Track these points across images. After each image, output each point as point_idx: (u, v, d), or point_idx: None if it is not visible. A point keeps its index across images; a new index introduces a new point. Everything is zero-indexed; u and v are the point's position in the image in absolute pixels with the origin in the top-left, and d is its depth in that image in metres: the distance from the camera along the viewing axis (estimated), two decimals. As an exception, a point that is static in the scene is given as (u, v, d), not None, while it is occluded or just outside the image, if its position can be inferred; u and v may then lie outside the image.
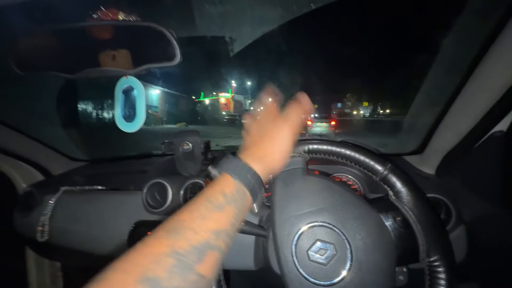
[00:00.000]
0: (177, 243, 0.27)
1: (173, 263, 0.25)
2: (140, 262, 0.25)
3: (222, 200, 0.32)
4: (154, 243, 0.27)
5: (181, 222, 0.29)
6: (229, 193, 0.33)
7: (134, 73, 0.50)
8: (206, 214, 0.30)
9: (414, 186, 0.44)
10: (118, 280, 0.23)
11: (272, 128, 0.41)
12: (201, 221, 0.29)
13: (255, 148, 0.40)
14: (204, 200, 0.32)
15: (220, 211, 0.31)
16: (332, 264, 0.42)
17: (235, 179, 0.34)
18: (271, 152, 0.39)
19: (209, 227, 0.29)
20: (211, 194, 0.32)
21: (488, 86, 0.53)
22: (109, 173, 1.03)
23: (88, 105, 10.55)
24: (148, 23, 0.45)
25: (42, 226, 0.85)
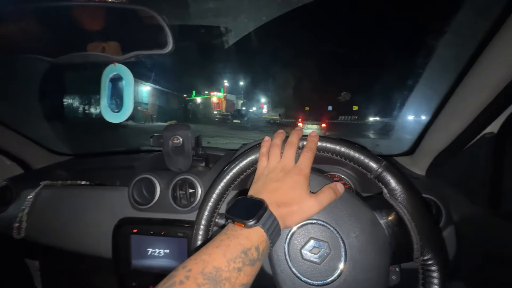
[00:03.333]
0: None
1: None
2: None
3: (255, 256, 0.33)
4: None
5: (220, 271, 0.29)
6: (261, 251, 0.34)
7: (122, 60, 0.47)
8: (241, 267, 0.31)
9: (408, 184, 0.43)
10: None
11: (303, 193, 0.40)
12: (237, 274, 0.30)
13: (282, 205, 0.39)
14: (240, 251, 0.32)
15: (252, 266, 0.32)
16: (326, 263, 0.41)
17: (268, 238, 0.35)
18: (296, 216, 0.39)
19: (242, 281, 0.31)
20: (248, 247, 0.33)
21: (480, 88, 0.54)
22: (94, 168, 0.99)
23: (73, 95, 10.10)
24: (139, 6, 0.43)
25: (19, 223, 0.80)
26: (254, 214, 0.35)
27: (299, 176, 0.40)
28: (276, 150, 0.44)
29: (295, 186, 0.40)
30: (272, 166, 0.43)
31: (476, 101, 0.55)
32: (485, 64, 0.52)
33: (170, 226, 0.69)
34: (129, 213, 0.72)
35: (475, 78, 0.54)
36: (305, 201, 0.39)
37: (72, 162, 1.06)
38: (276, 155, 0.44)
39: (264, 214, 0.35)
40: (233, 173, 0.46)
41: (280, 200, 0.39)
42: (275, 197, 0.39)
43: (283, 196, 0.39)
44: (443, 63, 0.71)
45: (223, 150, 0.91)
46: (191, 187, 0.70)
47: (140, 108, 13.93)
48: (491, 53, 0.51)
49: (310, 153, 0.43)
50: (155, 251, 0.69)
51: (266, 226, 0.35)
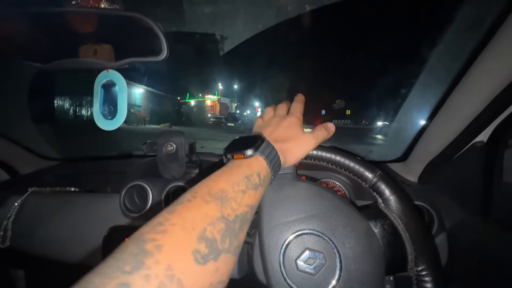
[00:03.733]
0: (225, 210, 0.28)
1: (224, 227, 0.27)
2: (197, 221, 0.25)
3: (257, 181, 0.34)
4: (204, 205, 0.28)
5: (225, 192, 0.30)
6: (263, 177, 0.35)
7: (115, 67, 0.46)
8: (245, 190, 0.32)
9: (403, 194, 0.44)
10: (180, 235, 0.24)
11: (298, 131, 0.43)
12: (242, 195, 0.31)
13: (279, 141, 0.41)
14: (243, 176, 0.33)
15: (255, 190, 0.34)
16: (321, 274, 0.40)
17: (268, 165, 0.37)
18: (296, 150, 0.42)
19: (247, 202, 0.32)
20: (250, 173, 0.34)
21: (470, 99, 0.55)
22: (84, 173, 0.96)
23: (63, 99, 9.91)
24: (133, 14, 0.42)
25: (3, 231, 0.77)
26: (252, 144, 0.37)
27: (292, 118, 0.44)
28: (269, 108, 0.50)
29: (290, 126, 0.43)
30: (266, 119, 0.47)
31: (467, 111, 0.56)
32: (476, 76, 0.53)
33: (163, 235, 0.67)
34: (120, 221, 0.71)
35: (466, 89, 0.56)
36: (301, 136, 0.43)
37: (61, 167, 1.03)
38: (270, 112, 0.49)
39: (262, 144, 0.37)
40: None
41: (278, 137, 0.41)
42: (272, 135, 0.42)
43: (280, 134, 0.42)
44: (435, 73, 0.73)
45: (217, 156, 0.90)
46: (184, 195, 0.69)
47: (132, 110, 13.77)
48: (481, 65, 0.52)
49: (299, 102, 0.48)
50: (146, 260, 0.67)
51: (265, 154, 0.37)
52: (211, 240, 0.25)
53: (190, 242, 0.24)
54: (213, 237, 0.25)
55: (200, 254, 0.23)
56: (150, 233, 0.23)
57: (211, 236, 0.25)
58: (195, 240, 0.24)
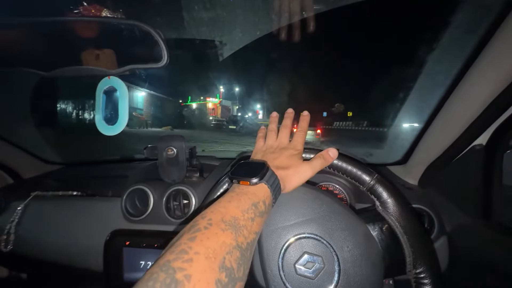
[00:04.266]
0: (239, 238, 0.30)
1: (239, 256, 0.28)
2: (218, 250, 0.26)
3: (263, 209, 0.36)
4: (221, 233, 0.29)
5: (237, 220, 0.31)
6: (267, 204, 0.37)
7: (117, 74, 0.47)
8: (254, 217, 0.34)
9: (400, 196, 0.44)
10: (205, 265, 0.25)
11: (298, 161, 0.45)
12: (251, 222, 0.33)
13: (280, 168, 0.42)
14: (251, 204, 0.35)
15: (261, 217, 0.35)
16: (320, 277, 0.41)
17: (272, 194, 0.38)
18: (294, 178, 0.43)
19: (255, 229, 0.33)
20: (257, 201, 0.36)
21: (469, 101, 0.55)
22: (86, 177, 0.97)
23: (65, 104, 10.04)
24: (134, 22, 0.43)
25: (6, 235, 0.78)
26: (258, 172, 0.38)
27: (293, 151, 0.46)
28: (272, 133, 0.51)
29: (290, 157, 0.45)
30: (269, 145, 0.49)
31: (465, 114, 0.57)
32: (473, 79, 0.54)
33: (164, 238, 0.68)
34: (121, 225, 0.71)
35: (464, 92, 0.56)
36: (300, 166, 0.44)
37: (64, 172, 1.04)
38: (273, 137, 0.50)
39: (267, 173, 0.39)
40: (228, 185, 0.46)
41: (279, 165, 0.43)
42: (274, 162, 0.43)
43: (281, 162, 0.44)
44: (434, 76, 0.73)
45: (218, 159, 0.91)
46: (185, 198, 0.69)
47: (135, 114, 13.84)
48: (478, 69, 0.52)
49: (302, 132, 0.49)
50: (148, 264, 0.68)
51: (270, 183, 0.38)
52: (230, 269, 0.26)
53: (213, 272, 0.25)
54: (231, 266, 0.26)
55: (221, 283, 0.25)
56: (177, 261, 0.24)
57: (229, 265, 0.26)
58: (217, 269, 0.25)
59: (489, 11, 0.47)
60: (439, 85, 0.63)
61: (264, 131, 0.52)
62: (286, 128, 0.50)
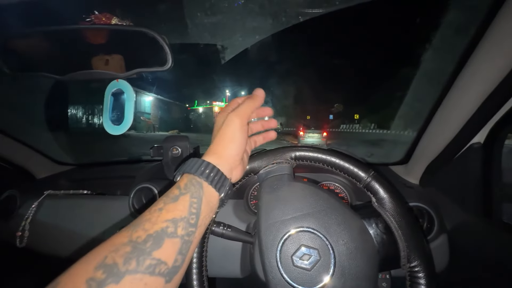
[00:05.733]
0: (135, 233, 0.29)
1: (129, 250, 0.27)
2: (100, 252, 0.27)
3: (177, 193, 0.34)
4: (115, 236, 0.29)
5: (141, 217, 0.31)
6: (183, 185, 0.35)
7: (124, 77, 0.50)
8: (162, 206, 0.32)
9: (396, 193, 0.45)
10: (79, 269, 0.26)
11: (223, 124, 0.41)
12: (158, 212, 0.31)
13: (212, 145, 0.41)
14: (163, 197, 0.34)
15: (176, 201, 0.33)
16: (316, 269, 0.42)
17: (189, 173, 0.36)
18: (223, 143, 0.40)
19: (165, 217, 0.31)
20: (170, 191, 0.35)
21: (466, 100, 0.56)
22: (96, 177, 1.01)
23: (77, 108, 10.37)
24: (141, 28, 0.46)
25: (21, 231, 0.82)
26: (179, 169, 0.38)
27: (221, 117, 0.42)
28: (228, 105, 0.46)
29: (218, 126, 0.42)
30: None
31: (460, 113, 0.57)
32: (469, 77, 0.55)
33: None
34: (129, 222, 0.74)
35: (458, 91, 0.57)
36: (225, 128, 0.40)
37: (75, 172, 1.08)
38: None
39: (181, 165, 0.38)
40: None
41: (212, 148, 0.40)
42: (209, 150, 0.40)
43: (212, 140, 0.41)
44: (430, 77, 0.74)
45: None
46: (189, 196, 0.72)
47: (142, 118, 14.06)
48: (474, 67, 0.53)
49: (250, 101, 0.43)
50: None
51: (184, 169, 0.37)
52: (110, 265, 0.26)
53: (86, 272, 0.25)
54: (113, 262, 0.26)
55: (95, 281, 0.24)
56: (57, 278, 0.25)
57: (111, 262, 0.26)
58: (92, 269, 0.25)
59: (479, 12, 0.49)
60: (436, 84, 0.64)
61: None
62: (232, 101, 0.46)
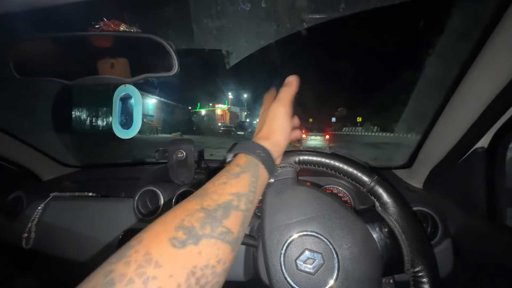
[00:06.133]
0: (205, 202, 0.31)
1: (203, 216, 0.29)
2: (176, 215, 0.29)
3: (238, 170, 0.37)
4: (185, 203, 0.31)
5: (206, 189, 0.34)
6: (243, 163, 0.38)
7: (132, 82, 0.51)
8: (226, 181, 0.35)
9: (399, 197, 0.45)
10: (161, 229, 0.28)
11: (269, 111, 0.46)
12: (223, 186, 0.34)
13: (261, 131, 0.45)
14: (223, 172, 0.37)
15: (237, 178, 0.36)
16: (320, 273, 0.42)
17: (248, 154, 0.40)
18: (273, 130, 0.45)
19: (230, 190, 0.34)
20: (229, 167, 0.38)
21: (470, 104, 0.56)
22: (101, 179, 1.02)
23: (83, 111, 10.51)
24: (147, 35, 0.47)
25: (27, 233, 0.83)
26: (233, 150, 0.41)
27: (266, 106, 0.48)
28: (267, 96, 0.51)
29: (264, 114, 0.47)
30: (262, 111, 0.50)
31: (464, 117, 0.58)
32: (473, 82, 0.55)
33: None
34: (133, 224, 0.75)
35: (463, 95, 0.57)
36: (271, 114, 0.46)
37: (80, 174, 1.09)
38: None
39: (236, 145, 0.42)
40: None
41: (256, 131, 0.46)
42: (256, 136, 0.45)
43: (258, 127, 0.47)
44: (435, 81, 0.74)
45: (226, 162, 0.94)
46: (193, 199, 0.72)
47: (145, 120, 14.16)
48: (478, 71, 0.54)
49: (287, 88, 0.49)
50: (157, 262, 0.71)
51: (241, 149, 0.40)
52: (189, 228, 0.28)
53: (167, 231, 0.27)
54: (191, 225, 0.28)
55: (177, 240, 0.26)
56: (138, 234, 0.27)
57: (189, 224, 0.28)
58: (173, 229, 0.27)
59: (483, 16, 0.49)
60: (440, 88, 0.64)
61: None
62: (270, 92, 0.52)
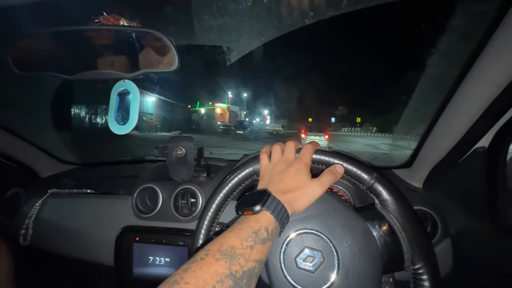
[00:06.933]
0: (233, 267, 0.31)
1: (231, 284, 0.29)
2: (209, 280, 0.28)
3: (265, 236, 0.36)
4: (214, 263, 0.30)
5: (234, 248, 0.33)
6: (270, 231, 0.37)
7: (131, 77, 0.51)
8: (253, 245, 0.34)
9: (399, 195, 0.45)
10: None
11: (305, 179, 0.43)
12: (250, 250, 0.33)
13: (287, 192, 0.41)
14: (251, 232, 0.35)
15: (263, 244, 0.35)
16: (320, 271, 0.42)
17: (275, 219, 0.38)
18: (303, 200, 0.42)
19: (255, 257, 0.34)
20: (258, 228, 0.36)
21: (471, 103, 0.56)
22: (100, 177, 1.02)
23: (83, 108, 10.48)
24: (148, 29, 0.47)
25: (25, 230, 0.82)
26: (259, 201, 0.39)
27: (300, 165, 0.43)
28: (277, 147, 0.48)
29: (297, 174, 0.43)
30: (275, 161, 0.46)
31: (465, 117, 0.57)
32: (472, 82, 0.55)
33: (172, 235, 0.71)
34: (132, 222, 0.75)
35: (464, 95, 0.57)
36: (308, 185, 0.42)
37: (79, 171, 1.09)
38: (278, 152, 0.47)
39: (269, 199, 0.39)
40: (232, 184, 0.49)
41: (285, 188, 0.42)
42: (280, 186, 0.42)
43: (287, 185, 0.42)
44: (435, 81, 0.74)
45: (225, 160, 0.94)
46: (192, 197, 0.72)
47: (145, 118, 14.13)
48: (479, 71, 0.54)
49: (310, 146, 0.46)
50: (156, 260, 0.71)
51: (272, 209, 0.38)
52: None
53: None
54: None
55: None
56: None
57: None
58: None
59: (486, 15, 0.49)
60: (441, 88, 0.64)
61: (269, 148, 0.49)
62: (291, 141, 0.48)
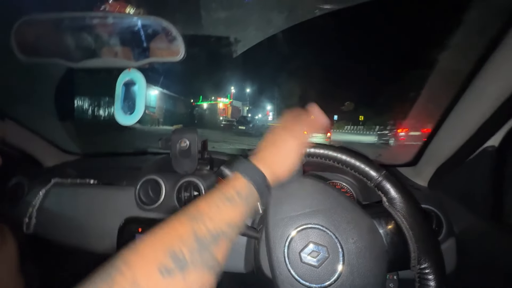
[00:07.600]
0: (197, 226, 0.30)
1: (194, 242, 0.29)
2: (167, 240, 0.29)
3: (235, 197, 0.35)
4: (177, 225, 0.31)
5: (200, 210, 0.32)
6: (242, 192, 0.36)
7: (137, 66, 0.50)
8: (221, 206, 0.34)
9: (407, 193, 0.44)
10: (150, 254, 0.27)
11: (281, 138, 0.43)
12: (217, 210, 0.33)
13: (264, 153, 0.42)
14: (220, 194, 0.35)
15: (233, 205, 0.35)
16: (324, 266, 0.42)
17: (247, 180, 0.37)
18: (278, 160, 0.42)
19: (223, 218, 0.33)
20: (226, 190, 0.36)
21: (481, 102, 0.55)
22: (103, 167, 1.02)
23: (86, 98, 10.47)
24: (154, 18, 0.46)
25: (28, 218, 0.83)
26: (229, 165, 0.39)
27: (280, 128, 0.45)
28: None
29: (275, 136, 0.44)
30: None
31: (476, 115, 0.56)
32: (485, 80, 0.53)
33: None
34: (134, 213, 0.75)
35: (475, 92, 0.56)
36: (282, 143, 0.43)
37: (82, 161, 1.09)
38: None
39: (237, 162, 0.39)
40: None
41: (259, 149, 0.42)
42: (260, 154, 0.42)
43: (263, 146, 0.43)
44: (445, 77, 0.73)
45: (228, 155, 0.93)
46: (195, 190, 0.72)
47: (147, 111, 14.14)
48: (490, 69, 0.52)
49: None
50: (158, 251, 0.71)
51: (243, 171, 0.38)
52: (179, 256, 0.27)
53: (157, 258, 0.26)
54: (182, 253, 0.27)
55: (165, 268, 0.26)
56: (124, 253, 0.27)
57: (179, 252, 0.27)
58: (163, 256, 0.27)
59: (500, 11, 0.47)
60: (450, 85, 0.63)
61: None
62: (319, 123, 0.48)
